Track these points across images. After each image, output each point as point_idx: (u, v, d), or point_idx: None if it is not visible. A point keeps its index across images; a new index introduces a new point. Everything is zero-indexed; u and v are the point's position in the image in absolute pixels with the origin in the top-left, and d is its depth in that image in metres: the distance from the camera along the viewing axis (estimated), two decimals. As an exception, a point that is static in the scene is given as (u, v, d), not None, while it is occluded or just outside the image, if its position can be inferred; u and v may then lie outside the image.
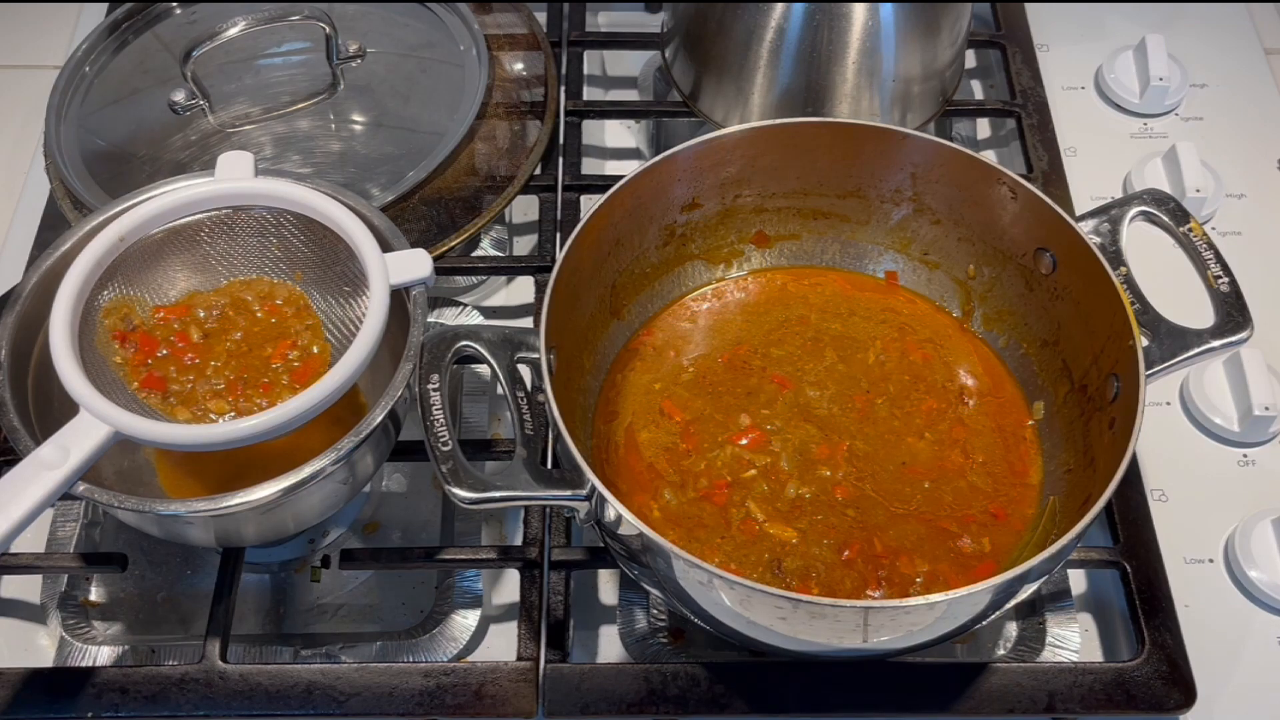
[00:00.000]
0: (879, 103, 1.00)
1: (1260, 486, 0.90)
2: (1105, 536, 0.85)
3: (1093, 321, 0.81)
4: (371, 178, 0.93)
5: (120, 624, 0.86)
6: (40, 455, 0.69)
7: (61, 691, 0.77)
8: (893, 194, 0.90)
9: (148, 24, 1.03)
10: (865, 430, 0.85)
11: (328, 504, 0.80)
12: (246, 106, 0.97)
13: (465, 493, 0.69)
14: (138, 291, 0.81)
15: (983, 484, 0.83)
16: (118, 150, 0.96)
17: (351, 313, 0.81)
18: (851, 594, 0.77)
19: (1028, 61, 1.12)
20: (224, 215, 0.82)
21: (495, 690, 0.77)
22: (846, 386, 0.87)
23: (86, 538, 0.88)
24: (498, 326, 0.78)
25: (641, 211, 0.86)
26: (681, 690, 0.77)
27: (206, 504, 0.72)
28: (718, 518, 0.80)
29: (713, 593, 0.69)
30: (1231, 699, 0.81)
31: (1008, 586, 0.68)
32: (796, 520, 0.80)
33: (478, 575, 0.86)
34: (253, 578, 0.88)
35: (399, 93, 0.99)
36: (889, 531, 0.80)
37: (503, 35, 1.04)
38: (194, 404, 0.79)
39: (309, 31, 0.98)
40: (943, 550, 0.79)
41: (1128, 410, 0.73)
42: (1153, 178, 1.05)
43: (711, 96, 1.04)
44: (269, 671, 0.78)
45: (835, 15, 0.94)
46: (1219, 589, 0.85)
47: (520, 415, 0.75)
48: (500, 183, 0.97)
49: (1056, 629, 0.83)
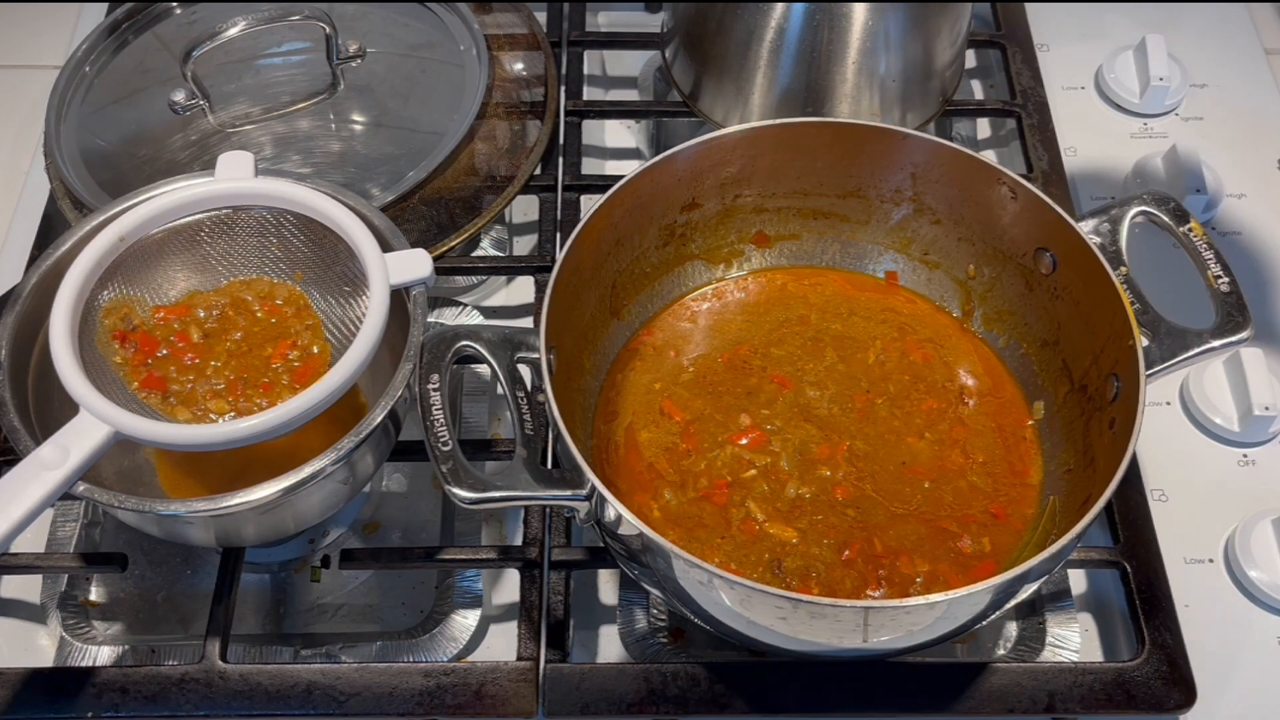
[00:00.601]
0: (879, 103, 1.00)
1: (1260, 486, 0.90)
2: (1105, 536, 0.85)
3: (1093, 321, 0.81)
4: (371, 178, 0.93)
5: (120, 624, 0.86)
6: (40, 455, 0.69)
7: (61, 691, 0.77)
8: (893, 194, 0.90)
9: (148, 24, 1.03)
10: (865, 430, 0.85)
11: (328, 504, 0.80)
12: (246, 106, 0.97)
13: (465, 493, 0.69)
14: (138, 291, 0.81)
15: (983, 484, 0.83)
16: (118, 150, 0.96)
17: (351, 313, 0.81)
18: (851, 594, 0.77)
19: (1028, 61, 1.12)
20: (224, 215, 0.82)
21: (495, 690, 0.77)
22: (846, 386, 0.87)
23: (86, 538, 0.88)
24: (498, 326, 0.78)
25: (641, 211, 0.86)
26: (681, 690, 0.77)
27: (206, 504, 0.72)
28: (718, 518, 0.80)
29: (713, 593, 0.69)
30: (1231, 699, 0.81)
31: (1008, 586, 0.68)
32: (796, 520, 0.80)
33: (478, 575, 0.86)
34: (253, 578, 0.88)
35: (399, 93, 0.99)
36: (889, 531, 0.80)
37: (503, 35, 1.04)
38: (194, 404, 0.79)
39: (309, 31, 0.98)
40: (943, 550, 0.79)
41: (1128, 410, 0.73)
42: (1153, 178, 1.05)
43: (711, 96, 1.04)
44: (269, 671, 0.78)
45: (835, 15, 0.94)
46: (1219, 589, 0.85)
47: (520, 415, 0.75)
48: (500, 183, 0.97)
49: (1056, 629, 0.83)
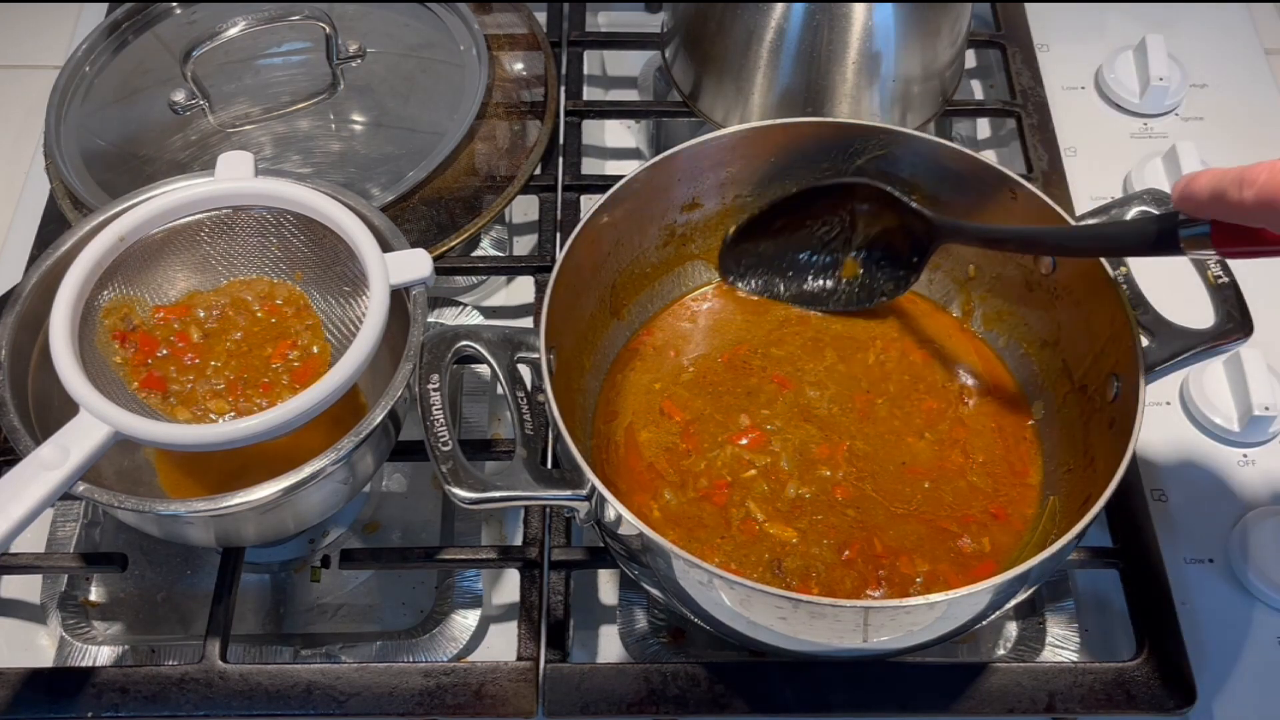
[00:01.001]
0: (879, 103, 1.00)
1: (1260, 486, 0.90)
2: (1105, 536, 0.85)
3: (1093, 321, 0.81)
4: (371, 178, 0.93)
5: (120, 624, 0.86)
6: (40, 455, 0.69)
7: (61, 691, 0.77)
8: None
9: (148, 24, 1.03)
10: (865, 430, 0.85)
11: (328, 504, 0.80)
12: (246, 106, 0.97)
13: (465, 493, 0.69)
14: (138, 291, 0.81)
15: (983, 484, 0.83)
16: (118, 150, 0.96)
17: (351, 313, 0.81)
18: (851, 594, 0.77)
19: (1028, 61, 1.12)
20: (224, 215, 0.82)
21: (495, 690, 0.77)
22: (846, 386, 0.87)
23: (86, 538, 0.88)
24: (498, 326, 0.78)
25: (641, 211, 0.86)
26: (681, 690, 0.77)
27: (206, 504, 0.72)
28: (718, 518, 0.80)
29: (713, 593, 0.69)
30: (1231, 699, 0.81)
31: (1008, 586, 0.68)
32: (796, 520, 0.80)
33: (478, 575, 0.86)
34: (253, 578, 0.88)
35: (399, 93, 0.99)
36: (889, 531, 0.80)
37: (503, 35, 1.04)
38: (194, 404, 0.79)
39: (309, 31, 0.98)
40: (943, 550, 0.79)
41: (1128, 410, 0.73)
42: (1153, 178, 1.05)
43: (711, 96, 1.04)
44: (269, 671, 0.78)
45: (835, 15, 0.94)
46: (1219, 589, 0.85)
47: (520, 415, 0.75)
48: (500, 183, 0.97)
49: (1056, 629, 0.83)
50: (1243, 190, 0.62)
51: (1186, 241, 0.68)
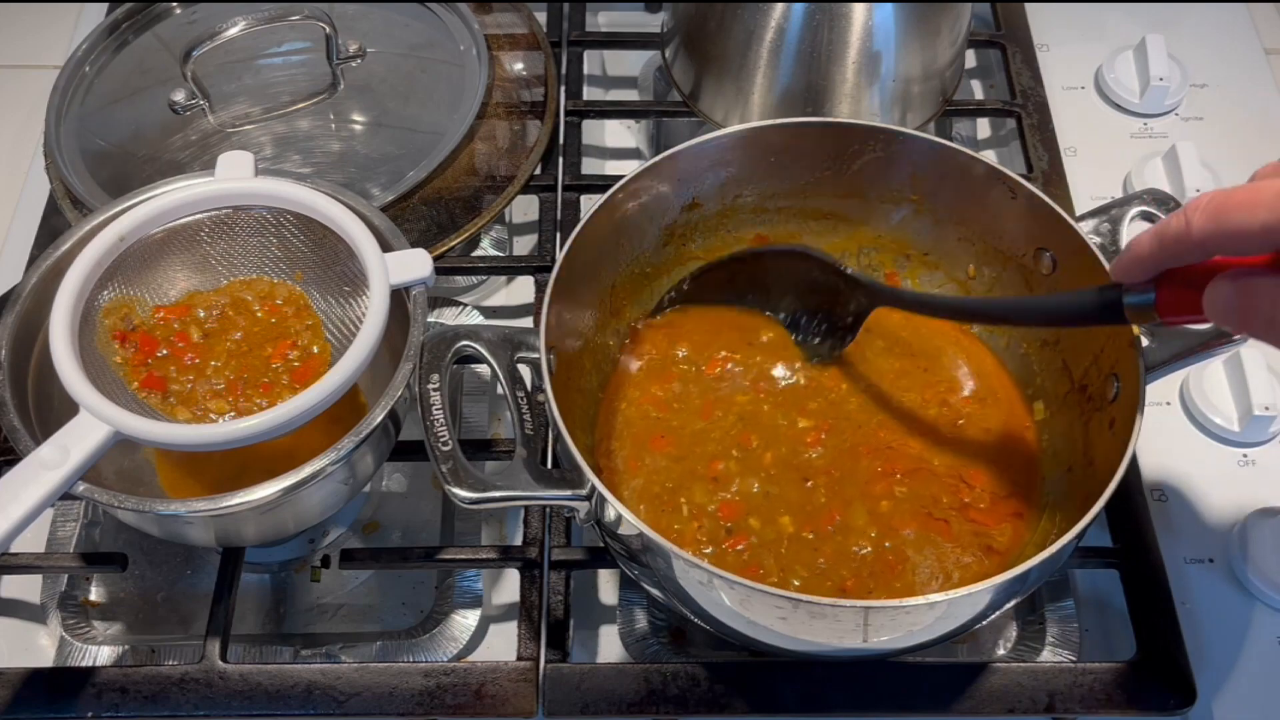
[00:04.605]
0: (879, 103, 1.00)
1: (1260, 486, 0.90)
2: (1105, 536, 0.85)
3: (1093, 321, 0.81)
4: (371, 178, 0.93)
5: (120, 624, 0.86)
6: (40, 455, 0.69)
7: (61, 691, 0.77)
8: (893, 194, 0.89)
9: (148, 24, 1.03)
10: (865, 430, 0.85)
11: (328, 504, 0.80)
12: (246, 106, 0.97)
13: (465, 493, 0.69)
14: (138, 291, 0.81)
15: (982, 484, 0.83)
16: (118, 150, 0.96)
17: (351, 313, 0.81)
18: (851, 594, 0.77)
19: (1028, 61, 1.12)
20: (224, 215, 0.82)
21: (495, 690, 0.77)
22: (845, 386, 0.87)
23: (86, 538, 0.88)
24: (498, 326, 0.78)
25: (641, 211, 0.86)
26: (681, 690, 0.77)
27: (206, 504, 0.72)
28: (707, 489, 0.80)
29: (713, 593, 0.69)
30: (1231, 699, 0.81)
31: (1008, 586, 0.68)
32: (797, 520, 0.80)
33: (478, 575, 0.86)
34: (253, 578, 0.88)
35: (399, 93, 0.99)
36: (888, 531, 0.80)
37: (503, 35, 1.04)
38: (194, 404, 0.79)
39: (309, 31, 0.98)
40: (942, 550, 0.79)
41: (1128, 410, 0.73)
42: (1153, 178, 1.05)
43: (711, 96, 1.04)
44: (269, 671, 0.78)
45: (835, 15, 0.94)
46: (1219, 589, 0.85)
47: (520, 415, 0.75)
48: (500, 183, 0.97)
49: (1056, 629, 0.83)
50: (1190, 222, 0.60)
51: (1131, 311, 0.67)
